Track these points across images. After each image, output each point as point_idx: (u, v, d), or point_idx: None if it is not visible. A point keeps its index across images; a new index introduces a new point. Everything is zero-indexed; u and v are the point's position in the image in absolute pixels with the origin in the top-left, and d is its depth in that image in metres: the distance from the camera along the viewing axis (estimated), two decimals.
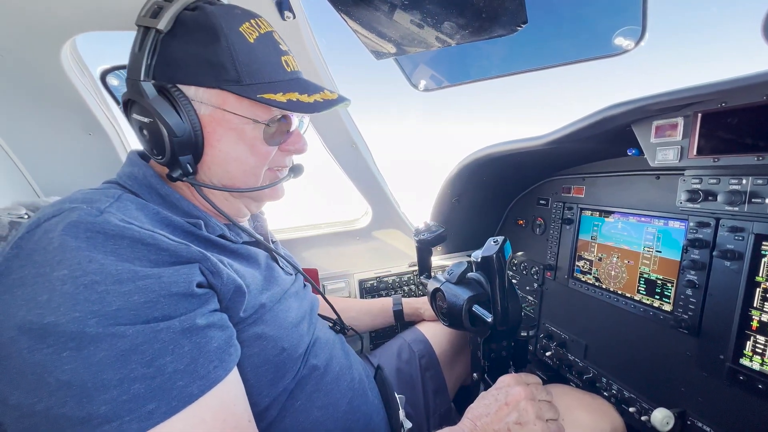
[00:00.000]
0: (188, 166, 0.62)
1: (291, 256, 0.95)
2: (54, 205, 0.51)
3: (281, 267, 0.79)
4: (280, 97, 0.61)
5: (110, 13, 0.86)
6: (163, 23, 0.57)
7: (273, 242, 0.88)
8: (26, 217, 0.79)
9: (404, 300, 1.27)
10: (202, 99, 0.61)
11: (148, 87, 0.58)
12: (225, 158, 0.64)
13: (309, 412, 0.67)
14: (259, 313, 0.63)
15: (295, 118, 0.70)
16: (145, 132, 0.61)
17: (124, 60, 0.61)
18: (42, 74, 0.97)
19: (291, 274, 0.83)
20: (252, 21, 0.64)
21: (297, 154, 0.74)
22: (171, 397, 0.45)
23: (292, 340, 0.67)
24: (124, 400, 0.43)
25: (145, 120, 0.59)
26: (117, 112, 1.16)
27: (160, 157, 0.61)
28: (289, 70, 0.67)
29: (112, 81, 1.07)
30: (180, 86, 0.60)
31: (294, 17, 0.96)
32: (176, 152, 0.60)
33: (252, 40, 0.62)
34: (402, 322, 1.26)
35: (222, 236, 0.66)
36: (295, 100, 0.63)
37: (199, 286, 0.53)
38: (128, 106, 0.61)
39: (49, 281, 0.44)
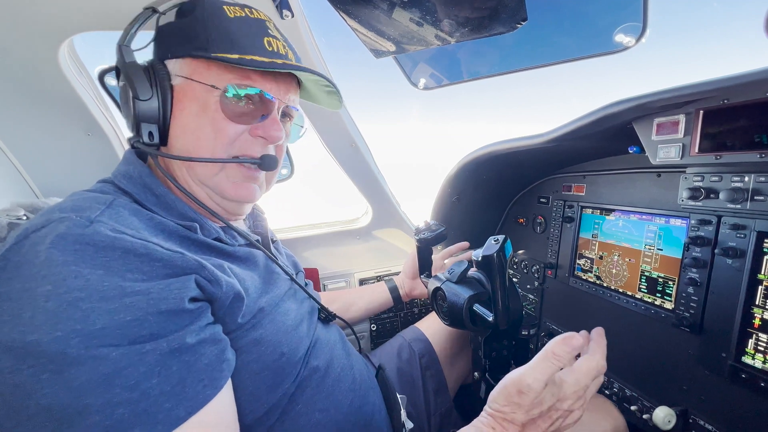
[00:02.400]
0: (149, 135, 0.61)
1: (292, 255, 0.95)
2: (43, 215, 0.49)
3: (281, 267, 0.78)
4: (232, 56, 0.59)
5: (108, 13, 0.85)
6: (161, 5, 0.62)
7: (274, 241, 0.87)
8: (25, 218, 0.78)
9: (394, 278, 1.28)
10: (176, 71, 0.62)
11: (127, 51, 0.60)
12: (184, 130, 0.62)
13: (310, 415, 0.66)
14: (258, 318, 0.62)
15: (276, 102, 0.65)
16: (122, 98, 0.63)
17: None
18: (40, 74, 0.97)
19: (291, 274, 0.82)
20: (246, 9, 0.64)
21: (269, 142, 0.66)
22: (156, 421, 0.43)
23: (291, 343, 0.66)
24: (107, 425, 0.41)
25: (121, 84, 0.62)
26: (115, 112, 1.16)
27: (129, 123, 0.63)
28: (269, 49, 0.63)
29: (111, 81, 1.07)
30: (166, 63, 0.62)
31: (292, 16, 0.96)
32: (139, 117, 0.59)
33: (232, 16, 0.62)
34: (398, 297, 1.24)
35: (218, 239, 0.65)
36: (248, 58, 0.60)
37: (192, 300, 0.51)
38: (117, 75, 0.64)
39: (34, 297, 0.42)
